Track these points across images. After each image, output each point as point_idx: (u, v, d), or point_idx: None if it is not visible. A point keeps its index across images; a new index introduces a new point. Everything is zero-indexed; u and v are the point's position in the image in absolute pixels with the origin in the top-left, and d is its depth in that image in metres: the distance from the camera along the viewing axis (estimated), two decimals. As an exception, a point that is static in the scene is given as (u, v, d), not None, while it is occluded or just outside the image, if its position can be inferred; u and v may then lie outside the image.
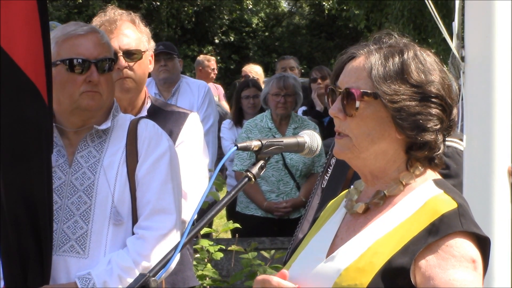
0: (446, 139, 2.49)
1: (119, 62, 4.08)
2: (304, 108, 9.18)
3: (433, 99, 2.40)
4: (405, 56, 2.42)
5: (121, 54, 4.13)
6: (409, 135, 2.40)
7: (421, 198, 2.41)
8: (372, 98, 2.40)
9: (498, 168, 3.50)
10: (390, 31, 2.51)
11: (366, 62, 2.43)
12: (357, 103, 2.41)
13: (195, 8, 27.75)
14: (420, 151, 2.42)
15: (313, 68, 9.61)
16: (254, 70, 11.47)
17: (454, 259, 2.32)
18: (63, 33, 3.65)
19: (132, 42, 4.21)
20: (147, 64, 4.26)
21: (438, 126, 2.41)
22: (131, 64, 4.16)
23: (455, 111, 2.47)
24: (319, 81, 8.98)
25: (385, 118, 2.41)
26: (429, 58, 2.45)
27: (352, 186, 2.61)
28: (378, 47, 2.46)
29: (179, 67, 8.21)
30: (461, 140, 3.67)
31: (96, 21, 4.25)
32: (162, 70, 7.97)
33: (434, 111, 2.40)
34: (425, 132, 2.40)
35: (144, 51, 4.22)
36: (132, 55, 4.18)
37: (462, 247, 2.33)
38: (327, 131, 8.34)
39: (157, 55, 7.88)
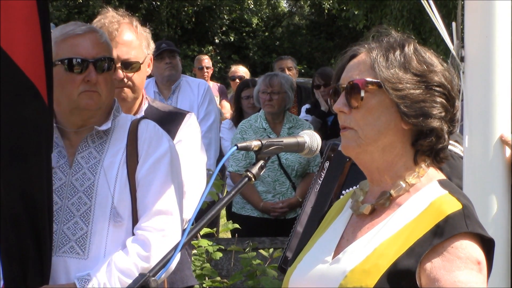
0: None
1: (117, 74, 4.06)
2: (307, 106, 9.17)
3: (436, 88, 2.42)
4: (406, 49, 2.45)
5: (119, 65, 4.11)
6: (415, 123, 2.40)
7: (426, 199, 2.41)
8: (376, 86, 2.41)
9: (498, 168, 3.49)
10: (387, 28, 2.53)
11: (367, 57, 2.46)
12: (362, 93, 2.42)
13: (195, 8, 27.74)
14: (427, 139, 2.43)
15: (316, 73, 9.56)
16: (241, 70, 11.48)
17: (460, 260, 2.32)
18: (61, 33, 3.64)
19: (131, 51, 4.19)
20: (145, 71, 4.25)
21: (443, 114, 2.42)
22: (130, 74, 4.15)
23: (457, 103, 2.48)
24: (322, 88, 8.96)
25: (390, 108, 2.42)
26: (428, 53, 2.48)
27: (353, 187, 2.61)
28: (379, 44, 2.48)
29: (179, 63, 8.25)
30: (457, 142, 3.67)
31: (96, 24, 4.24)
32: (168, 67, 7.99)
33: (438, 99, 2.42)
34: (430, 118, 2.41)
35: (142, 62, 4.20)
36: (130, 65, 4.16)
37: (467, 249, 2.34)
38: (331, 131, 8.34)
39: (161, 53, 7.90)
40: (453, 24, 3.58)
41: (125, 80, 4.13)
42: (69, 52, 3.61)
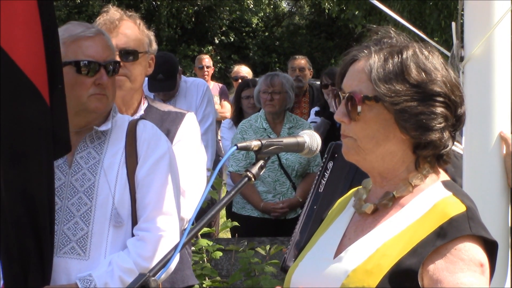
0: None
1: None
2: (317, 108, 9.16)
3: (435, 97, 2.38)
4: (404, 56, 2.40)
5: (117, 53, 4.10)
6: (413, 136, 2.39)
7: (430, 200, 2.40)
8: (374, 101, 2.40)
9: (498, 168, 3.49)
10: (389, 29, 2.50)
11: (366, 65, 2.42)
12: (359, 108, 2.41)
13: (195, 8, 27.72)
14: (425, 150, 2.41)
15: (323, 73, 9.55)
16: (244, 70, 11.45)
17: (463, 262, 2.32)
18: (70, 35, 3.62)
19: (131, 42, 4.19)
20: (145, 65, 4.24)
21: (443, 124, 2.40)
22: (127, 63, 4.14)
23: (463, 108, 2.45)
24: (330, 87, 8.94)
25: (389, 120, 2.40)
26: (430, 57, 2.43)
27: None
28: (379, 48, 2.44)
29: (179, 80, 7.89)
30: (458, 142, 3.66)
31: (99, 20, 4.25)
32: (163, 94, 7.71)
33: (438, 109, 2.39)
34: (429, 131, 2.38)
35: (142, 52, 4.21)
36: (128, 54, 4.16)
37: (471, 251, 2.33)
38: (340, 132, 8.31)
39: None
40: (453, 24, 3.58)
41: (122, 67, 4.09)
42: (80, 54, 3.59)
